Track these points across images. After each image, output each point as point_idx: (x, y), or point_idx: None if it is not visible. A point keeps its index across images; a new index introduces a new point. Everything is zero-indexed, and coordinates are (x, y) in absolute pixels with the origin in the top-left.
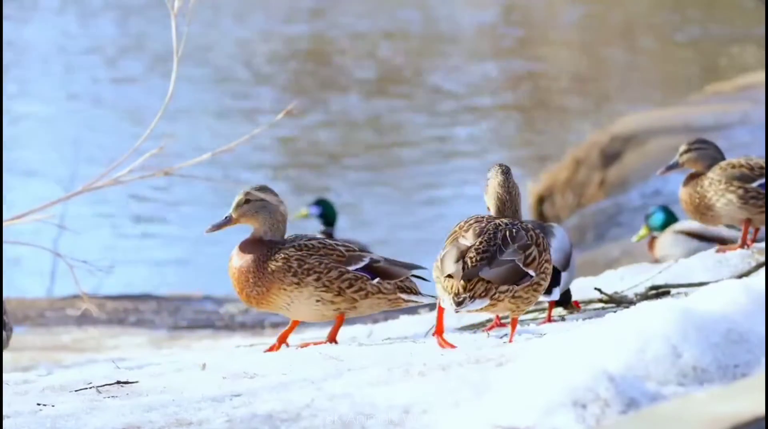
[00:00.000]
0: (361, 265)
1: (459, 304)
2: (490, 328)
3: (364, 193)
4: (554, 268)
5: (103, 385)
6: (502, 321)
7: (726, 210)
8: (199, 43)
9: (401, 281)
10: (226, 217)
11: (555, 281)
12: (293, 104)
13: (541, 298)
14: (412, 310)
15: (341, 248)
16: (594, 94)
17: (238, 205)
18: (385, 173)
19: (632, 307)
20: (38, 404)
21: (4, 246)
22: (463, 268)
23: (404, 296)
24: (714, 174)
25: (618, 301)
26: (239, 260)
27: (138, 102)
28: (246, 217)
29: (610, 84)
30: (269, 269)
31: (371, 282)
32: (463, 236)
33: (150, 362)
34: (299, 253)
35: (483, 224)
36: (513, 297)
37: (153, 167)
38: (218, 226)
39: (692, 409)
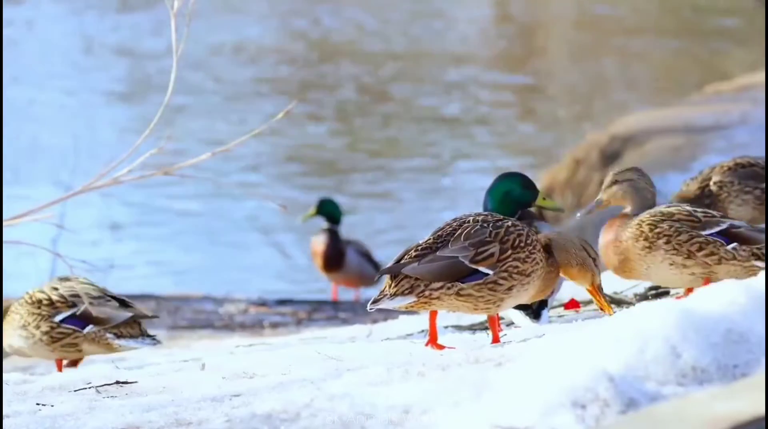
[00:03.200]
0: (716, 230)
1: (374, 302)
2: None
3: (364, 194)
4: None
5: (103, 385)
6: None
7: (741, 211)
8: (200, 43)
9: (758, 248)
10: (597, 201)
11: (541, 304)
12: (293, 104)
13: (528, 324)
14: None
15: (699, 214)
16: (594, 94)
17: (608, 187)
18: (386, 175)
19: (632, 307)
20: (38, 404)
21: (4, 246)
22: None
23: (758, 264)
24: (722, 176)
25: (618, 301)
26: (606, 236)
27: (138, 102)
28: (616, 198)
29: (610, 84)
30: (624, 237)
31: (726, 247)
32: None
33: (149, 362)
34: (652, 218)
35: (458, 221)
36: (459, 295)
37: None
38: (590, 211)
39: (692, 409)
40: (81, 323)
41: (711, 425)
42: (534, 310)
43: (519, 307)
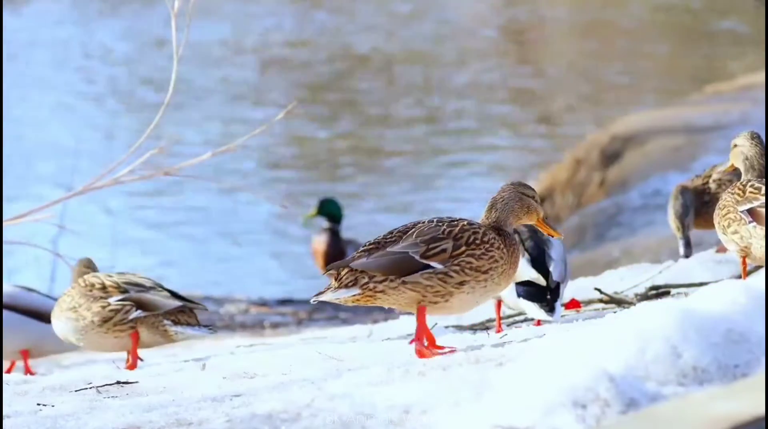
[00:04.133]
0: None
1: (318, 294)
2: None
3: (365, 194)
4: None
5: (103, 385)
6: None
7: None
8: (201, 42)
9: None
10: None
11: (555, 296)
12: (293, 105)
13: (543, 317)
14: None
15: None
16: (594, 94)
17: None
18: (387, 175)
19: (632, 307)
20: (38, 404)
21: (4, 246)
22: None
23: None
24: (722, 175)
25: (618, 301)
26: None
27: (139, 101)
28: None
29: (610, 84)
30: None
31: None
32: None
33: (150, 362)
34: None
35: (413, 223)
36: (405, 283)
37: (153, 167)
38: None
39: (692, 409)
40: (130, 304)
41: (711, 425)
42: (548, 303)
43: (533, 299)
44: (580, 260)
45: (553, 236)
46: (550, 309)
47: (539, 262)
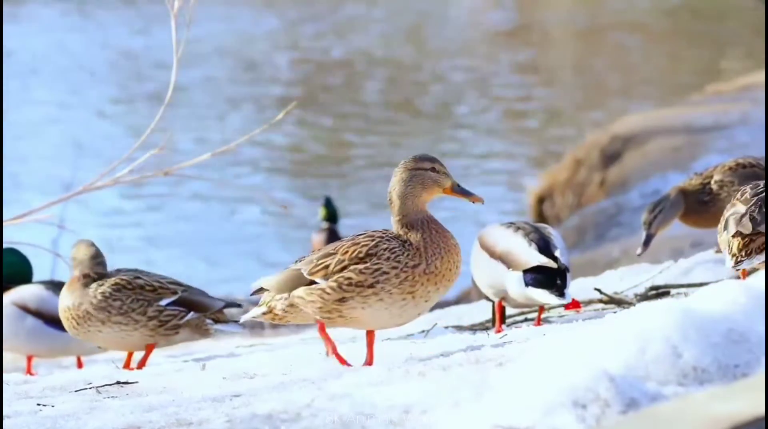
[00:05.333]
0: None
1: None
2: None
3: (364, 196)
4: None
5: (103, 386)
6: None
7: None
8: (201, 42)
9: None
10: None
11: (564, 282)
12: (293, 105)
13: (554, 301)
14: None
15: None
16: (593, 94)
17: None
18: (387, 176)
19: (632, 308)
20: (38, 404)
21: (4, 246)
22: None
23: None
24: (723, 175)
25: (618, 301)
26: None
27: (138, 101)
28: None
29: (610, 84)
30: None
31: None
32: None
33: (150, 362)
34: None
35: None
36: (295, 298)
37: (153, 167)
38: None
39: (692, 409)
40: (183, 309)
41: (711, 425)
42: (558, 287)
43: (542, 285)
44: (580, 260)
45: (473, 202)
46: (560, 294)
47: (545, 250)
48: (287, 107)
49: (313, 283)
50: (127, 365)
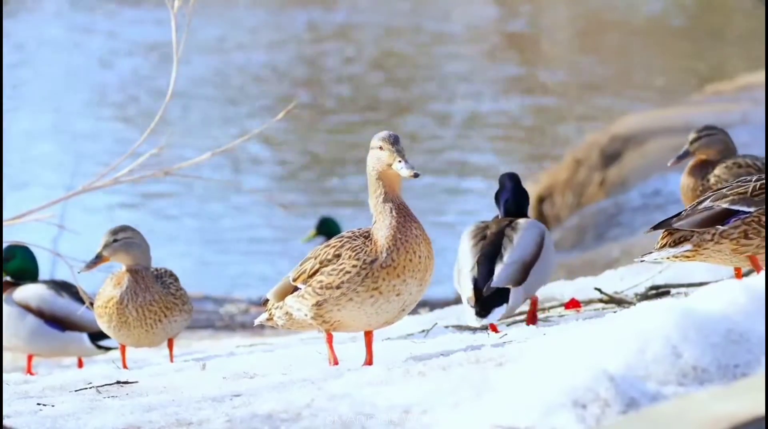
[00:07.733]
0: None
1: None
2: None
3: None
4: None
5: (103, 385)
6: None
7: None
8: (202, 42)
9: None
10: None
11: (502, 299)
12: (294, 104)
13: (471, 322)
14: (414, 310)
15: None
16: (593, 94)
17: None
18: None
19: (632, 307)
20: (38, 404)
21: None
22: None
23: None
24: (720, 172)
25: (618, 301)
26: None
27: (139, 102)
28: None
29: (610, 84)
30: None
31: None
32: None
33: (150, 362)
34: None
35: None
36: (284, 308)
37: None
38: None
39: (692, 409)
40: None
41: (711, 425)
42: (482, 306)
43: (471, 305)
44: (580, 260)
45: (406, 177)
46: (481, 315)
47: (486, 272)
48: (287, 107)
49: (296, 288)
50: (124, 365)
